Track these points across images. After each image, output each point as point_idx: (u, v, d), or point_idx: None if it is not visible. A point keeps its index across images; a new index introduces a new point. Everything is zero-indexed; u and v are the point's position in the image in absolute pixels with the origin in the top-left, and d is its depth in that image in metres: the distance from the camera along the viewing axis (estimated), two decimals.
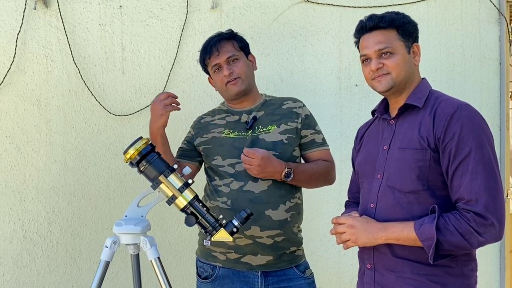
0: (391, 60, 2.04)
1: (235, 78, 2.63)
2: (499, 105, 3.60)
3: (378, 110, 2.22)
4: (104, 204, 3.39)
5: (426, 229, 1.85)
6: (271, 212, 2.53)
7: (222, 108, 2.80)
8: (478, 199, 1.83)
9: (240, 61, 2.66)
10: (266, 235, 2.53)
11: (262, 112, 2.68)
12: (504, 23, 3.59)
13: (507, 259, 3.66)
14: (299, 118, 2.66)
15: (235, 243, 2.54)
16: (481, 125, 1.92)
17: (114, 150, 3.38)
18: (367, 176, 2.16)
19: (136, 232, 2.37)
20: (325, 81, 3.53)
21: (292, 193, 2.61)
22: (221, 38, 2.68)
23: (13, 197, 3.32)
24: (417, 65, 2.10)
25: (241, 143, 2.60)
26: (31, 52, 3.33)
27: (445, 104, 1.96)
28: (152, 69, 3.42)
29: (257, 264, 2.56)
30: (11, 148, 3.32)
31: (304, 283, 2.63)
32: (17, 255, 3.33)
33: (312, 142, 2.68)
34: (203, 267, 2.67)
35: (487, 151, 1.88)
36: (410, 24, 2.08)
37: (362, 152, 2.27)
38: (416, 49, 2.09)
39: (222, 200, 2.58)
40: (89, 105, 3.37)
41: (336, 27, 3.52)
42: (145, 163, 2.31)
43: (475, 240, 1.83)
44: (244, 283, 2.59)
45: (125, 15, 3.40)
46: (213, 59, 2.66)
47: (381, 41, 2.06)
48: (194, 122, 2.83)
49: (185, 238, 3.44)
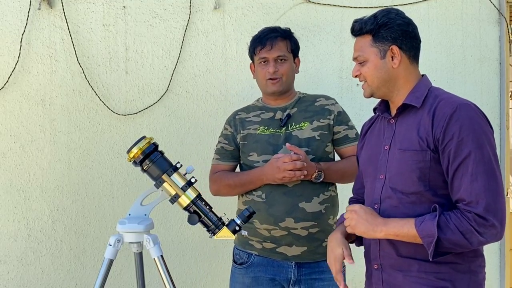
0: (364, 69, 2.06)
1: (278, 78, 2.69)
2: (499, 105, 3.61)
3: (379, 109, 2.20)
4: (107, 203, 3.41)
5: (427, 226, 1.84)
6: (305, 204, 2.59)
7: (257, 104, 2.84)
8: (479, 201, 1.81)
9: (287, 62, 2.73)
10: (301, 227, 2.59)
11: (295, 109, 2.73)
12: (504, 23, 3.60)
13: (507, 257, 3.66)
14: (332, 114, 2.73)
15: (271, 234, 2.61)
16: (481, 125, 1.89)
17: (117, 149, 3.41)
18: (369, 176, 2.16)
19: (139, 231, 2.38)
20: (326, 81, 3.55)
21: (326, 185, 2.68)
22: (278, 35, 2.73)
23: (17, 196, 3.34)
24: (396, 68, 2.02)
25: (276, 139, 2.67)
26: (35, 52, 3.35)
27: (444, 104, 1.93)
28: (156, 69, 3.44)
29: (292, 254, 2.63)
30: (16, 147, 3.34)
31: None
32: (21, 253, 3.36)
33: (346, 137, 2.74)
34: (240, 254, 2.74)
35: (487, 151, 1.86)
36: (385, 27, 2.01)
37: (364, 150, 2.26)
38: (395, 51, 2.00)
39: (257, 194, 2.65)
40: (93, 104, 3.39)
41: (337, 28, 3.53)
42: (148, 162, 2.33)
43: (475, 239, 1.82)
44: (277, 272, 2.66)
45: (129, 15, 3.42)
46: (264, 52, 2.70)
47: (356, 49, 2.08)
48: (229, 119, 2.86)
49: (188, 236, 3.46)
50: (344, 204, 2.84)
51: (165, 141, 3.38)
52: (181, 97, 3.46)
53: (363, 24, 2.05)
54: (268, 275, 2.66)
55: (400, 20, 2.04)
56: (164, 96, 3.42)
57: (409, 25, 2.06)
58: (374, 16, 2.05)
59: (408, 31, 2.04)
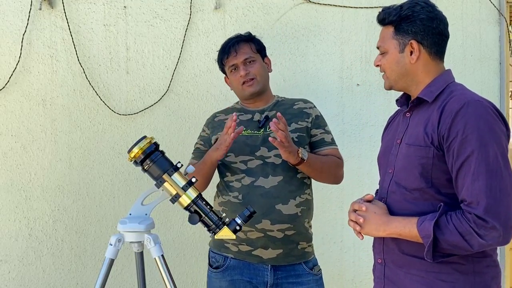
0: (384, 60, 2.04)
1: (251, 78, 2.72)
2: (499, 104, 3.59)
3: (400, 101, 2.15)
4: (108, 203, 3.42)
5: (425, 226, 1.81)
6: (281, 206, 2.59)
7: (236, 107, 2.87)
8: (479, 202, 1.76)
9: (256, 62, 2.76)
10: (277, 229, 2.59)
11: (274, 112, 2.74)
12: (504, 24, 3.59)
13: (507, 257, 3.66)
14: (310, 118, 2.75)
15: (247, 236, 2.61)
16: (490, 123, 1.82)
17: (118, 149, 3.41)
18: (382, 169, 2.15)
19: (140, 230, 2.38)
20: (327, 80, 3.55)
21: (302, 188, 2.68)
22: (240, 40, 2.78)
23: (18, 196, 3.35)
24: (414, 64, 1.98)
25: (253, 141, 2.68)
26: (36, 52, 3.36)
27: (454, 100, 1.87)
28: (156, 69, 3.45)
29: (267, 257, 2.62)
30: (17, 147, 3.35)
31: (312, 280, 2.69)
32: (22, 253, 3.36)
33: (322, 141, 2.75)
34: (215, 257, 2.74)
35: (493, 150, 1.79)
36: (408, 20, 1.96)
37: (382, 143, 2.23)
38: (414, 46, 1.96)
39: (233, 195, 2.65)
40: (94, 104, 3.40)
41: (338, 28, 3.53)
42: (149, 162, 2.33)
43: (475, 241, 1.77)
44: (253, 275, 2.65)
45: (129, 15, 3.43)
46: (231, 60, 2.75)
47: (379, 38, 2.06)
48: (208, 121, 2.88)
49: (189, 236, 3.47)
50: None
51: (165, 141, 3.39)
52: (182, 97, 3.47)
53: (387, 14, 2.01)
54: (245, 278, 2.66)
55: (425, 14, 1.97)
56: (164, 96, 3.43)
57: (434, 20, 1.98)
58: (400, 7, 2.00)
59: (432, 27, 1.97)
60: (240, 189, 2.65)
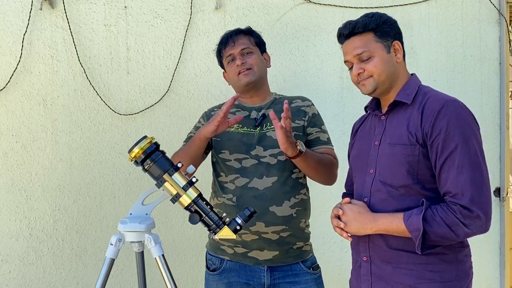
0: (370, 64, 2.08)
1: (248, 68, 2.68)
2: (499, 104, 3.62)
3: (370, 107, 2.27)
4: (109, 202, 3.42)
5: (413, 221, 1.91)
6: (275, 208, 2.57)
7: None
8: (464, 193, 1.88)
9: (254, 54, 2.73)
10: (271, 231, 2.57)
11: (271, 110, 2.71)
12: (504, 24, 3.60)
13: (507, 256, 3.67)
14: (306, 116, 2.72)
15: (242, 239, 2.59)
16: (468, 120, 1.96)
17: (119, 149, 3.42)
18: (359, 170, 2.22)
19: (140, 230, 2.38)
20: (327, 80, 3.56)
21: (297, 189, 2.65)
22: (239, 32, 2.76)
23: (19, 195, 3.36)
24: (399, 62, 2.12)
25: (249, 139, 2.66)
26: (37, 52, 3.37)
27: (433, 100, 2.00)
28: (157, 69, 3.46)
29: (263, 259, 2.61)
30: (18, 147, 3.35)
31: (310, 279, 2.66)
32: (23, 252, 3.37)
33: (317, 139, 2.72)
34: (212, 259, 2.72)
35: (473, 145, 1.93)
36: (386, 23, 2.10)
37: (355, 147, 2.33)
38: (397, 47, 2.11)
39: (228, 197, 2.64)
40: (94, 104, 3.40)
41: (338, 27, 3.53)
42: (150, 162, 2.33)
43: (461, 231, 1.89)
44: (250, 276, 2.64)
45: (130, 15, 3.44)
46: (228, 50, 2.72)
47: (358, 46, 2.10)
48: (205, 113, 2.87)
49: (189, 235, 3.47)
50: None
51: (166, 141, 3.39)
52: (182, 97, 3.47)
53: (359, 23, 2.10)
54: (242, 280, 2.64)
55: (394, 19, 2.15)
56: (165, 96, 3.43)
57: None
58: (370, 16, 2.12)
59: (400, 30, 2.16)
60: (234, 191, 2.62)
